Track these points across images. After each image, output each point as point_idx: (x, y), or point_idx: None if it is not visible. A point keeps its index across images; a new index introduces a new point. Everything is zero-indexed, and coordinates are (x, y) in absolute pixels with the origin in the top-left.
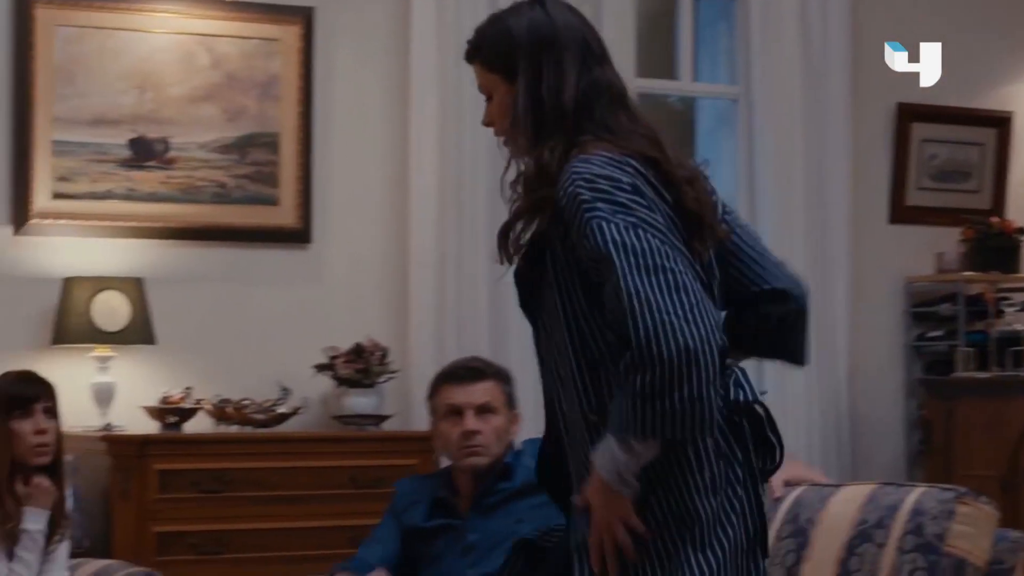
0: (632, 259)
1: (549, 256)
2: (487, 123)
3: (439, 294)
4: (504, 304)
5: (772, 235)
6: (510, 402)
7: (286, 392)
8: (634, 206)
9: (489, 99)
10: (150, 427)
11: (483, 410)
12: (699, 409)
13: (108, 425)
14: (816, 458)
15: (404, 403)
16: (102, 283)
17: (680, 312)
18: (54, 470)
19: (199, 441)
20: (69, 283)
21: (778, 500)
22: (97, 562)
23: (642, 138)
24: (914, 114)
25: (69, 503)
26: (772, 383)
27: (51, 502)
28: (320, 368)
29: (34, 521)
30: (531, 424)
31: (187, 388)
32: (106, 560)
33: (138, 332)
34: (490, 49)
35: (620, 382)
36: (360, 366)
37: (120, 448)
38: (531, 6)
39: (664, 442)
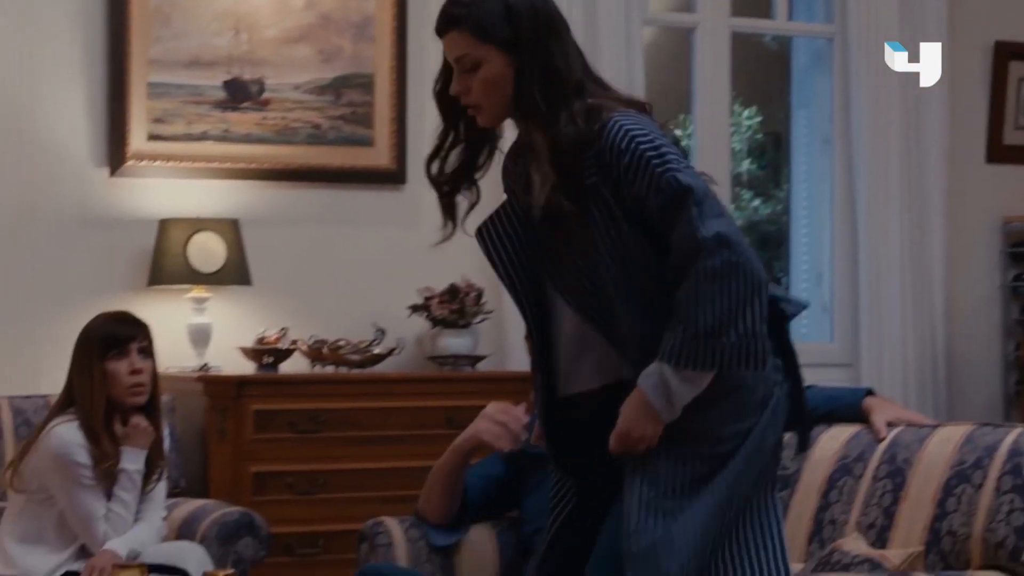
0: (706, 205)
1: (596, 209)
2: (460, 92)
3: None
4: None
5: (867, 175)
6: None
7: (381, 333)
8: (681, 156)
9: (470, 69)
10: (246, 368)
11: None
12: (755, 344)
13: (204, 366)
14: (912, 399)
15: (499, 344)
16: (198, 224)
17: (749, 252)
18: (150, 410)
19: (295, 382)
20: (165, 225)
21: (882, 440)
22: (193, 502)
23: (622, 95)
24: (1012, 52)
25: (166, 443)
26: (867, 325)
27: (148, 442)
28: (415, 309)
29: (132, 461)
30: None
31: (282, 329)
32: (202, 500)
33: (234, 273)
34: (485, 20)
35: (679, 316)
36: (455, 307)
37: (216, 388)
38: None
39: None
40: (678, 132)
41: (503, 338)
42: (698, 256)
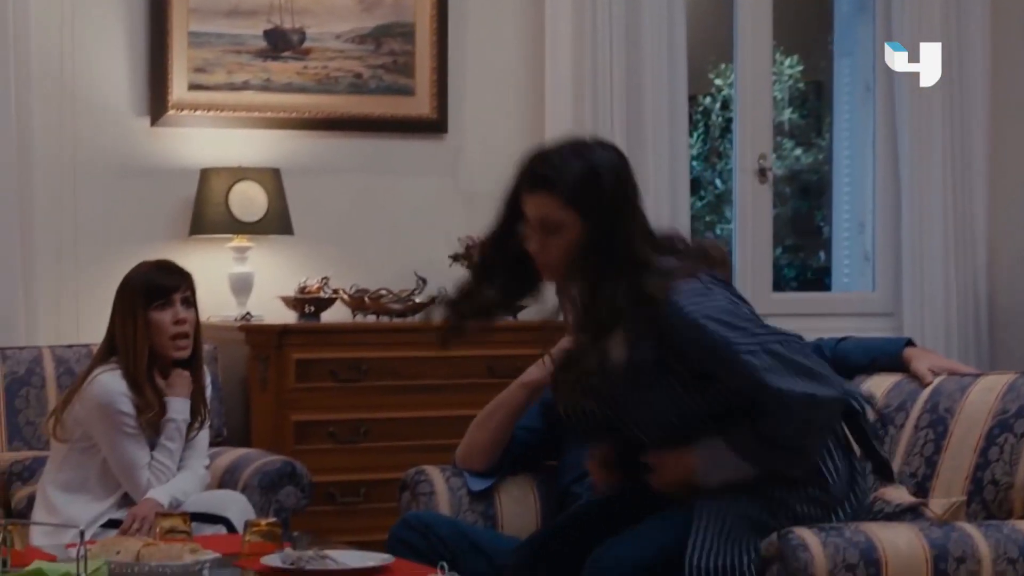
0: (785, 368)
1: (662, 360)
2: (538, 251)
3: None
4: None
5: (909, 123)
6: None
7: (422, 282)
8: (746, 323)
9: (552, 232)
10: (288, 317)
11: None
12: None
13: (246, 315)
14: (954, 349)
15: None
16: (239, 174)
17: (833, 393)
18: (193, 359)
19: (336, 331)
20: (206, 174)
21: (927, 385)
22: (235, 451)
23: (688, 254)
24: None
25: (208, 392)
26: (909, 275)
27: (189, 391)
28: (456, 258)
29: (177, 410)
30: None
31: (324, 278)
32: (244, 448)
33: (275, 222)
34: (574, 186)
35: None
36: None
37: (258, 338)
38: (603, 147)
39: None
40: (719, 82)
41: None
42: (788, 409)
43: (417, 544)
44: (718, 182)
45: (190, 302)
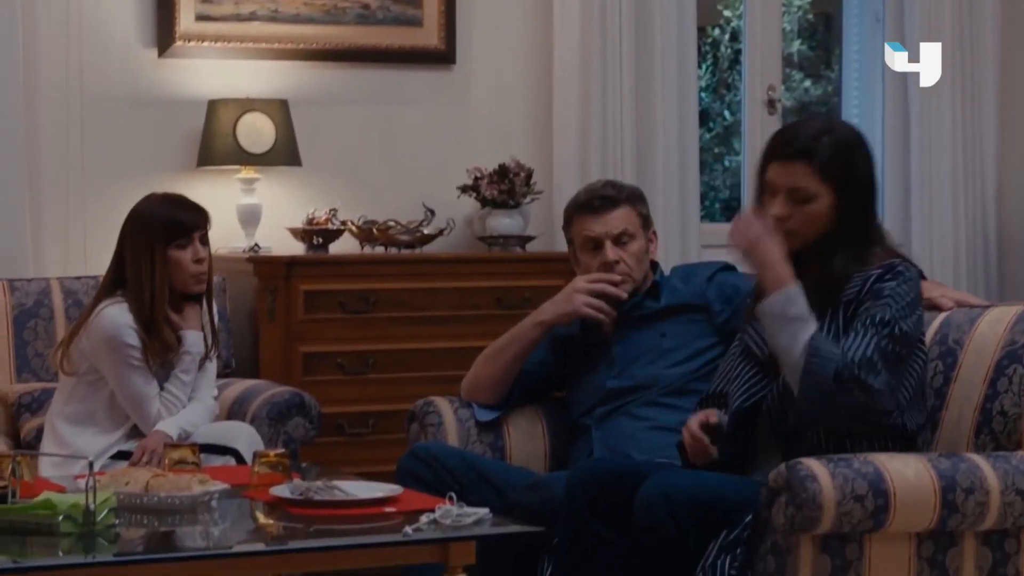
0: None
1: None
2: (784, 216)
3: (583, 114)
4: (647, 123)
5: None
6: (646, 223)
7: (431, 213)
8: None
9: (800, 201)
10: (296, 248)
11: (622, 238)
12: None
13: (254, 246)
14: (962, 280)
15: (548, 224)
16: (247, 105)
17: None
18: (205, 291)
19: (344, 262)
20: (214, 105)
21: (944, 312)
22: (244, 382)
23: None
24: None
25: (216, 323)
26: (918, 206)
27: (200, 323)
28: (464, 189)
29: (192, 343)
30: (663, 242)
31: (332, 209)
32: (253, 380)
33: (283, 154)
34: (831, 160)
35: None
36: (504, 187)
37: (266, 269)
38: (849, 127)
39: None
40: (728, 13)
41: (553, 218)
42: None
43: (425, 475)
44: (727, 114)
45: (206, 239)
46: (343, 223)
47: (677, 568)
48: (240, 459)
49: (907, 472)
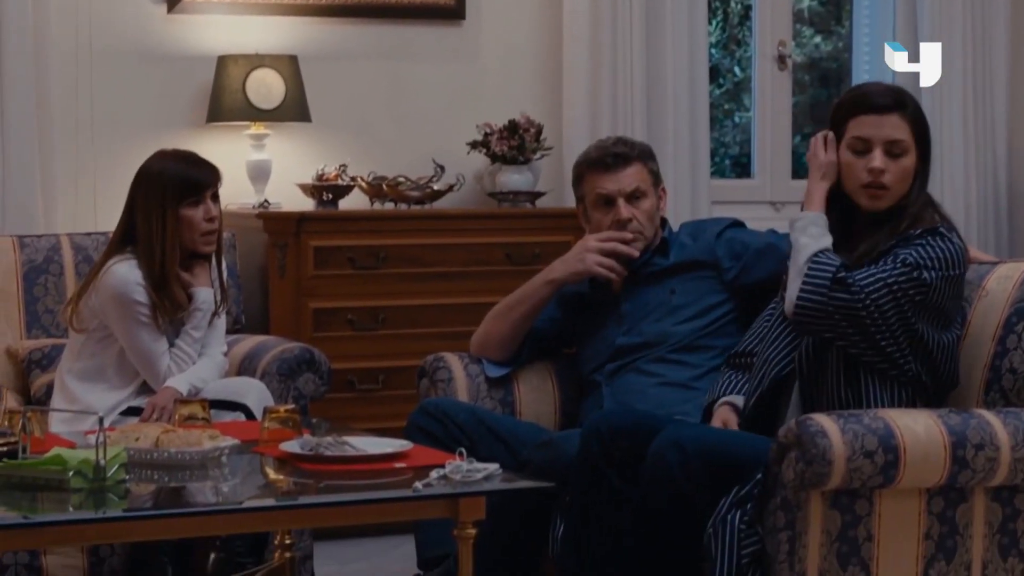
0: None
1: None
2: (884, 170)
3: (593, 70)
4: (658, 79)
5: (930, 10)
6: (656, 180)
7: (440, 169)
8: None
9: (897, 154)
10: (305, 204)
11: (634, 195)
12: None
13: (264, 202)
14: (973, 236)
15: (558, 180)
16: (256, 61)
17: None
18: (215, 249)
19: (354, 218)
20: (223, 61)
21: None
22: (254, 338)
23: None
24: None
25: (226, 278)
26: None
27: (211, 280)
28: (474, 145)
29: (203, 300)
30: (673, 198)
31: (342, 165)
32: (263, 336)
33: (293, 110)
34: (917, 115)
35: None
36: (514, 143)
37: (276, 225)
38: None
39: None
40: None
41: (563, 174)
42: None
43: (435, 431)
44: (737, 70)
45: (216, 196)
46: (353, 179)
47: (685, 524)
48: (250, 415)
49: (917, 428)
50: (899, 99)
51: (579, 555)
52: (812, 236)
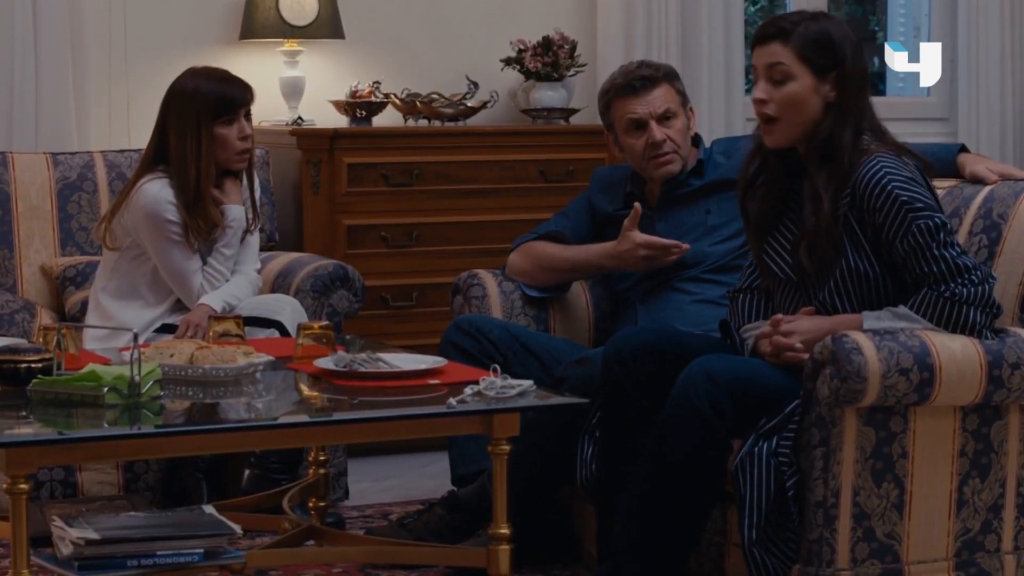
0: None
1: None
2: (765, 99)
3: None
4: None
5: None
6: (684, 100)
7: (474, 86)
8: (934, 201)
9: (777, 81)
10: (339, 121)
11: (665, 117)
12: None
13: (298, 119)
14: (1009, 154)
15: (592, 97)
16: None
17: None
18: (247, 167)
19: (388, 135)
20: None
21: (990, 185)
22: (288, 255)
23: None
24: None
25: (258, 196)
26: (965, 77)
27: (242, 198)
28: (508, 62)
29: (234, 217)
30: (707, 116)
31: (375, 82)
32: (296, 253)
33: (326, 26)
34: (809, 42)
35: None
36: (548, 59)
37: (310, 142)
38: (830, 19)
39: None
40: None
41: (596, 92)
42: (953, 280)
43: (469, 347)
44: None
45: (250, 114)
46: (386, 96)
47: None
48: (284, 331)
49: (953, 346)
50: (782, 28)
51: (607, 474)
52: (882, 319)
